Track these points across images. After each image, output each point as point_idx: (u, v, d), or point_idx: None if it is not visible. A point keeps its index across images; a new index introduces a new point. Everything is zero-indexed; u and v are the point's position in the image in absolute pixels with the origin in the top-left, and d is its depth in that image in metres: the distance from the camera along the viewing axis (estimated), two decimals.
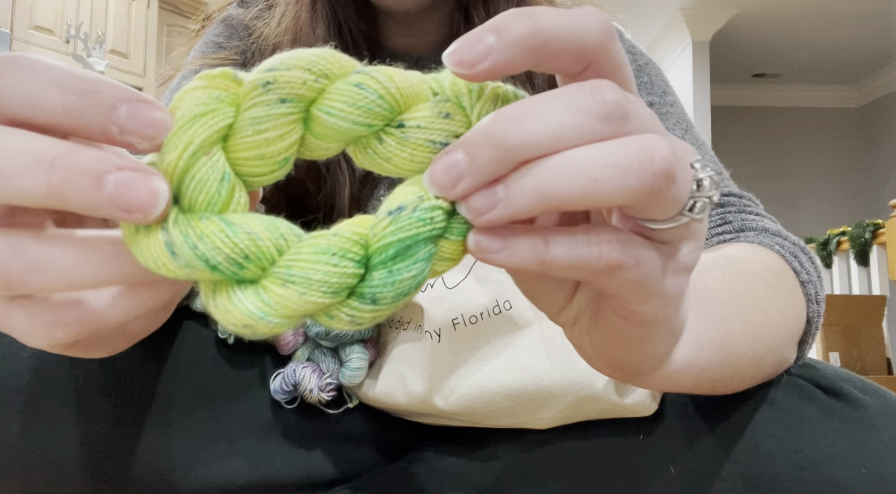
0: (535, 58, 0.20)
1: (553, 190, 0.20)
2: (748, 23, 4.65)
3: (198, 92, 0.20)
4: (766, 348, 0.35)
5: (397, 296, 0.21)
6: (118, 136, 0.20)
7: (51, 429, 0.41)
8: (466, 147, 0.20)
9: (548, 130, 0.20)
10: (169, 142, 0.20)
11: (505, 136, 0.20)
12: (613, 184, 0.19)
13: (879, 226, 3.20)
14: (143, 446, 0.43)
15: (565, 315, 0.27)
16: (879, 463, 0.35)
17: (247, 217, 0.21)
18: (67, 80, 0.20)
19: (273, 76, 0.21)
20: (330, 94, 0.21)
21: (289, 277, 0.20)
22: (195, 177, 0.20)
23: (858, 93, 5.79)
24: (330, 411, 0.49)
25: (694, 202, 0.22)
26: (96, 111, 0.19)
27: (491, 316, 0.44)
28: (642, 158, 0.19)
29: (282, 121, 0.21)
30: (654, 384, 0.28)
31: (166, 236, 0.20)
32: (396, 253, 0.21)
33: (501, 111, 0.20)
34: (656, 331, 0.24)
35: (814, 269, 0.42)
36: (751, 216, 0.49)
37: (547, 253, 0.21)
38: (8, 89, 0.20)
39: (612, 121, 0.20)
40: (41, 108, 0.20)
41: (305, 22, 0.57)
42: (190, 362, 0.47)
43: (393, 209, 0.21)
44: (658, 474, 0.40)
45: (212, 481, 0.44)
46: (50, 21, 3.54)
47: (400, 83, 0.22)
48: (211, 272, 0.20)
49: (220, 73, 0.21)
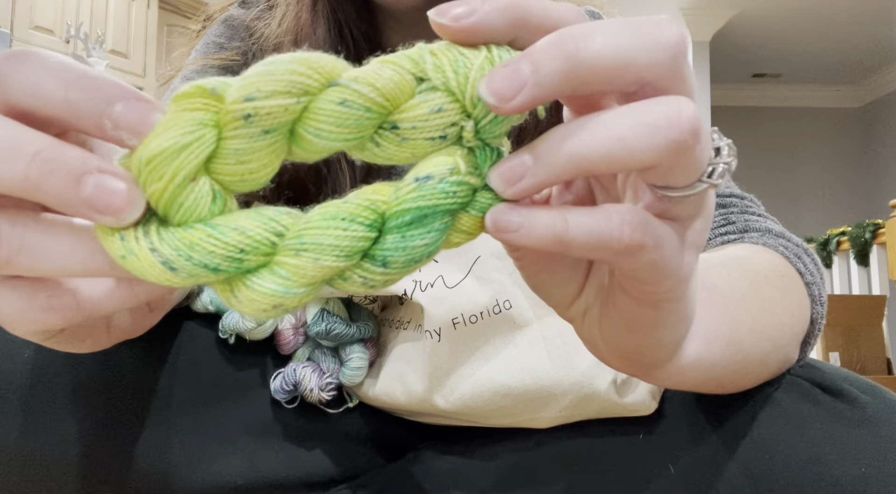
0: (514, 27, 0.21)
1: (581, 153, 0.20)
2: (748, 23, 4.65)
3: (181, 117, 0.20)
4: (772, 346, 0.35)
5: (408, 262, 0.21)
6: (110, 131, 0.20)
7: (50, 429, 0.41)
8: (532, 56, 0.20)
9: (619, 51, 0.19)
10: (152, 171, 0.20)
11: (576, 48, 0.19)
12: (641, 143, 0.19)
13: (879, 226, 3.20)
14: (143, 446, 0.43)
15: (575, 308, 0.27)
16: (879, 462, 0.35)
17: (231, 215, 0.21)
18: (71, 75, 0.20)
19: (253, 108, 0.20)
20: (314, 114, 0.21)
21: (301, 246, 0.21)
22: (183, 205, 0.20)
23: (858, 93, 5.79)
24: (330, 411, 0.50)
25: (713, 168, 0.22)
26: (93, 105, 0.20)
27: (491, 315, 0.44)
28: (670, 116, 0.19)
29: (264, 152, 0.21)
30: (666, 379, 0.28)
31: (159, 256, 0.20)
32: (413, 219, 0.21)
33: (571, 27, 0.20)
34: (669, 313, 0.24)
35: (817, 271, 0.42)
36: (753, 217, 0.49)
37: (567, 232, 0.20)
38: (14, 78, 0.21)
39: (676, 55, 0.20)
40: (43, 98, 0.20)
41: (306, 22, 0.57)
42: (190, 362, 0.47)
43: (421, 177, 0.21)
44: (658, 473, 0.41)
45: (212, 480, 0.44)
46: (50, 21, 3.54)
47: (383, 87, 0.21)
48: (215, 274, 0.20)
49: (195, 90, 0.20)
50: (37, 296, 0.23)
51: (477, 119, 0.22)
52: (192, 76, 0.60)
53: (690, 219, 0.23)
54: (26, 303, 0.23)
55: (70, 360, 0.42)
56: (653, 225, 0.21)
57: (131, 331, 0.30)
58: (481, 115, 0.21)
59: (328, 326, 0.48)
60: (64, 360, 0.42)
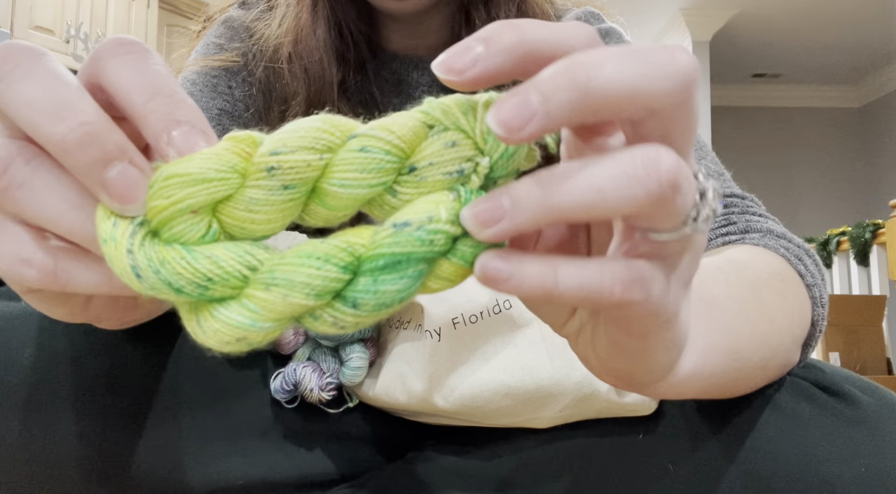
0: (524, 64, 0.20)
1: (559, 201, 0.19)
2: (748, 23, 4.65)
3: (221, 155, 0.21)
4: (771, 353, 0.35)
5: (378, 306, 0.21)
6: (164, 145, 0.21)
7: (51, 428, 0.41)
8: (540, 86, 0.19)
9: (630, 80, 0.19)
10: (163, 188, 0.20)
11: (586, 78, 0.19)
12: (620, 195, 0.19)
13: (879, 226, 3.20)
14: (143, 445, 0.43)
15: (569, 327, 0.27)
16: (879, 462, 0.36)
17: (213, 244, 0.21)
18: (156, 86, 0.22)
19: (277, 161, 0.21)
20: (337, 167, 0.21)
21: (272, 281, 0.21)
22: (174, 229, 0.21)
23: (858, 93, 5.79)
24: (330, 410, 0.50)
25: (698, 212, 0.22)
26: (163, 121, 0.21)
27: (491, 315, 0.44)
28: (648, 168, 0.19)
29: (276, 208, 0.21)
30: (662, 393, 0.28)
31: (132, 259, 0.21)
32: (386, 264, 0.21)
33: (580, 54, 0.20)
34: (657, 343, 0.24)
35: (818, 272, 0.42)
36: (754, 217, 0.49)
37: (557, 286, 0.20)
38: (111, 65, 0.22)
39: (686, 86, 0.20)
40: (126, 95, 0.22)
41: (306, 23, 0.57)
42: (190, 362, 0.47)
43: (399, 223, 0.21)
44: (658, 473, 0.41)
45: (212, 480, 0.44)
46: (50, 21, 3.54)
47: (398, 130, 0.22)
48: (176, 294, 0.21)
49: (247, 137, 0.21)
50: (20, 242, 0.23)
51: (490, 154, 0.22)
52: (193, 77, 0.60)
53: (679, 255, 0.23)
54: (7, 247, 0.23)
55: (71, 361, 0.42)
56: (644, 278, 0.21)
57: (112, 320, 0.30)
58: (493, 150, 0.22)
59: None
60: (65, 361, 0.42)
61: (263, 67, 0.60)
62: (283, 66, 0.58)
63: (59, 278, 0.23)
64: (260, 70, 0.60)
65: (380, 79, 0.61)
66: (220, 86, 0.60)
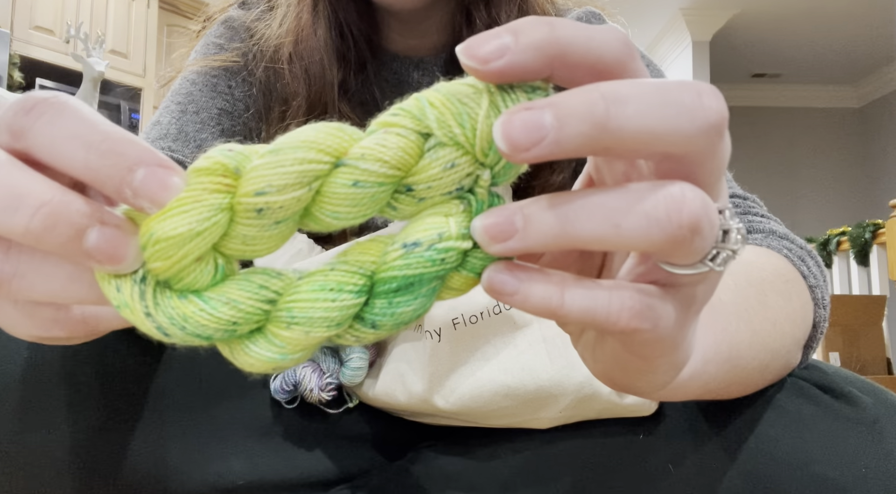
0: (551, 65, 0.19)
1: (574, 230, 0.19)
2: (748, 23, 4.65)
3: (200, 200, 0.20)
4: (772, 356, 0.35)
5: (396, 325, 0.22)
6: (132, 199, 0.20)
7: (47, 428, 0.41)
8: (558, 111, 0.18)
9: (651, 123, 0.18)
10: (161, 251, 0.20)
11: (605, 114, 0.18)
12: (637, 233, 0.19)
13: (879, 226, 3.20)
14: (143, 446, 0.43)
15: (572, 326, 0.27)
16: (879, 463, 0.36)
17: (224, 285, 0.21)
18: (94, 137, 0.20)
19: (266, 203, 0.20)
20: (328, 198, 0.21)
21: (291, 320, 0.21)
22: (184, 280, 0.20)
23: (858, 93, 5.79)
24: (330, 411, 0.50)
25: (717, 252, 0.21)
26: (113, 172, 0.20)
27: (491, 315, 0.44)
28: (670, 210, 0.18)
29: (273, 239, 0.21)
30: (659, 398, 0.28)
31: (153, 321, 0.20)
32: (399, 287, 0.21)
33: (608, 85, 0.19)
34: (659, 365, 0.24)
35: (820, 274, 0.42)
36: (757, 218, 0.49)
37: (562, 307, 0.20)
38: (36, 132, 0.20)
39: (712, 137, 0.19)
40: (63, 159, 0.20)
41: (307, 23, 0.57)
42: (190, 362, 0.47)
43: (409, 243, 0.21)
44: (658, 474, 0.41)
45: (212, 481, 0.44)
46: (50, 21, 3.54)
47: (391, 158, 0.20)
48: (208, 341, 0.21)
49: (217, 167, 0.20)
50: (40, 313, 0.23)
51: (491, 166, 0.21)
52: (193, 77, 0.60)
53: (692, 286, 0.22)
54: (28, 319, 0.23)
55: (68, 361, 0.42)
56: (653, 308, 0.20)
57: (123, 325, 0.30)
58: (494, 163, 0.21)
59: None
60: (62, 361, 0.42)
61: (264, 67, 0.60)
62: (283, 67, 0.58)
63: (88, 324, 0.23)
64: (260, 70, 0.60)
65: (380, 79, 0.61)
66: (220, 86, 0.60)
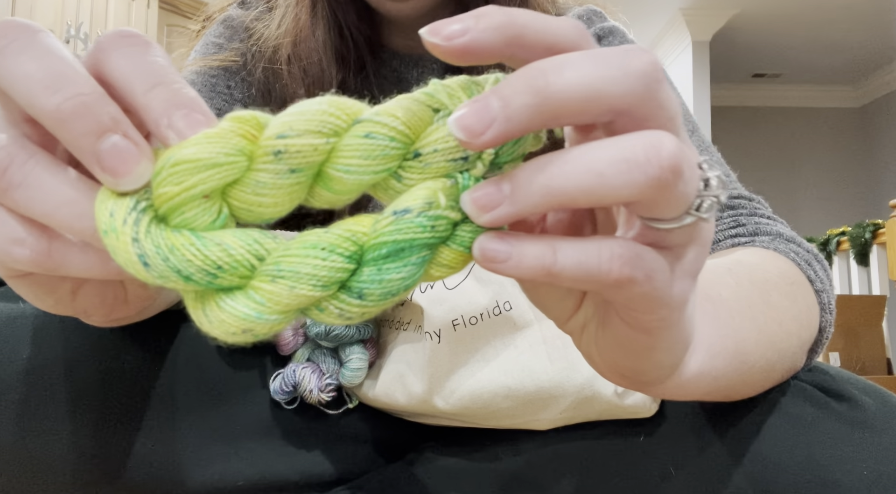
0: (510, 44, 0.20)
1: (559, 185, 0.20)
2: (748, 23, 4.65)
3: (227, 138, 0.20)
4: (778, 356, 0.35)
5: (384, 295, 0.21)
6: (164, 129, 0.21)
7: (48, 430, 0.41)
8: (500, 92, 0.20)
9: (588, 83, 0.19)
10: (174, 174, 0.20)
11: (545, 83, 0.19)
12: (620, 180, 0.19)
13: (879, 226, 3.20)
14: (143, 447, 0.43)
15: (573, 323, 0.27)
16: (882, 465, 0.35)
17: (220, 230, 0.21)
18: (155, 76, 0.22)
19: (284, 145, 0.20)
20: (342, 152, 0.21)
21: (278, 273, 0.21)
22: (185, 215, 0.21)
23: (858, 93, 5.79)
24: (330, 411, 0.49)
25: (701, 201, 0.21)
26: (162, 107, 0.21)
27: (491, 316, 0.44)
28: (649, 153, 0.19)
29: (283, 191, 0.21)
30: (667, 393, 0.28)
31: (138, 247, 0.20)
32: (389, 253, 0.21)
33: (542, 61, 0.20)
34: (663, 339, 0.24)
35: (826, 278, 0.42)
36: (763, 219, 0.49)
37: (555, 264, 0.20)
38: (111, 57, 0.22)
39: (648, 83, 0.20)
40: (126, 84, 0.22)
41: (305, 24, 0.57)
42: (189, 362, 0.47)
43: (399, 210, 0.21)
44: (659, 475, 0.40)
45: (211, 481, 0.44)
46: (50, 21, 3.54)
47: (403, 116, 0.21)
48: (185, 282, 0.20)
49: (250, 118, 0.21)
50: (13, 225, 0.23)
51: None
52: (192, 78, 0.59)
53: (683, 247, 0.23)
54: (1, 227, 0.23)
55: (68, 361, 0.42)
56: (644, 258, 0.21)
57: (100, 315, 0.30)
58: None
59: (328, 327, 0.48)
60: (62, 361, 0.42)
61: (263, 68, 0.60)
62: (282, 68, 0.58)
63: (52, 258, 0.23)
64: (259, 70, 0.60)
65: (380, 77, 0.61)
66: (219, 86, 0.60)
